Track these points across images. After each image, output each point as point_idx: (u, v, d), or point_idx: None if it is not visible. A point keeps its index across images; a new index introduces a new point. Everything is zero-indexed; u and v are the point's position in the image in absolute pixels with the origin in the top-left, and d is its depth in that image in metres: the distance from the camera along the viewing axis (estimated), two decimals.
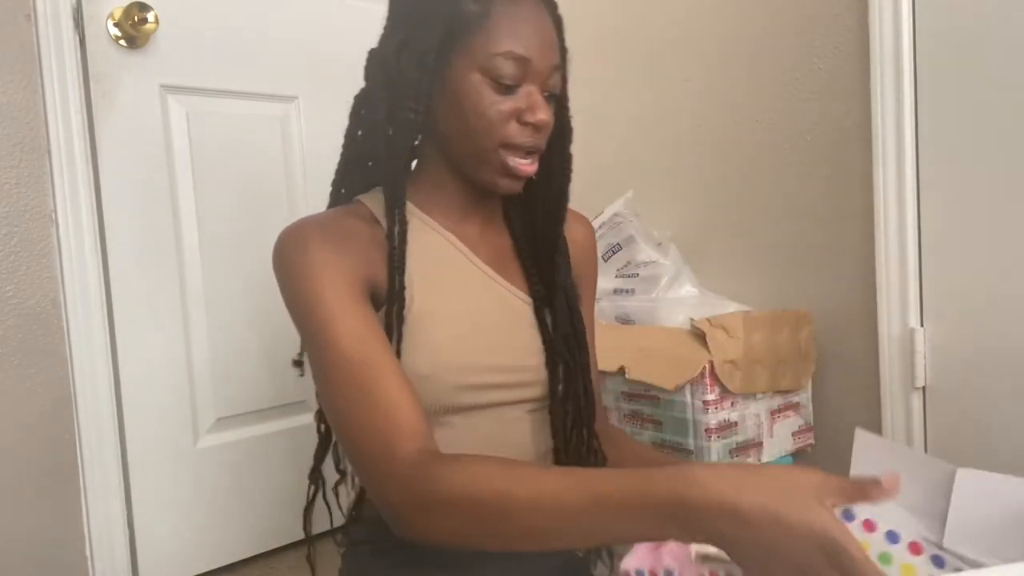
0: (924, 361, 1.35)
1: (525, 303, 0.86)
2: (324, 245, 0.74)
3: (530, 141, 0.78)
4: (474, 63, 0.75)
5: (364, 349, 0.70)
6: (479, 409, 0.81)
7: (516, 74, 0.76)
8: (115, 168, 1.41)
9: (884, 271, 1.37)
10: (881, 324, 1.39)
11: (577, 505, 0.56)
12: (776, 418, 1.43)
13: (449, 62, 0.76)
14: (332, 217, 0.80)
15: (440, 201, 0.84)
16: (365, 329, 0.72)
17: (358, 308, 0.73)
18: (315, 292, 0.73)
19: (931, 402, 1.36)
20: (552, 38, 0.79)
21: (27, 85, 1.32)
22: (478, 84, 0.76)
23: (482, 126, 0.76)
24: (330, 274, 0.73)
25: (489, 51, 0.75)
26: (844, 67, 1.43)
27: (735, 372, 1.34)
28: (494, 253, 0.87)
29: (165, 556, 1.49)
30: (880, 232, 1.37)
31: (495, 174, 0.79)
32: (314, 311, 0.72)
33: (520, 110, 0.77)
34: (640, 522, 0.54)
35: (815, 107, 1.49)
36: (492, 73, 0.75)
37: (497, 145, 0.77)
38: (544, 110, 0.77)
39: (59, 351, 1.36)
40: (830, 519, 0.48)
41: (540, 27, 0.77)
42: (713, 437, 1.33)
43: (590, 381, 0.90)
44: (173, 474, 1.50)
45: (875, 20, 1.35)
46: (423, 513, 0.63)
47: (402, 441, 0.66)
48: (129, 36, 1.41)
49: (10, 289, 1.31)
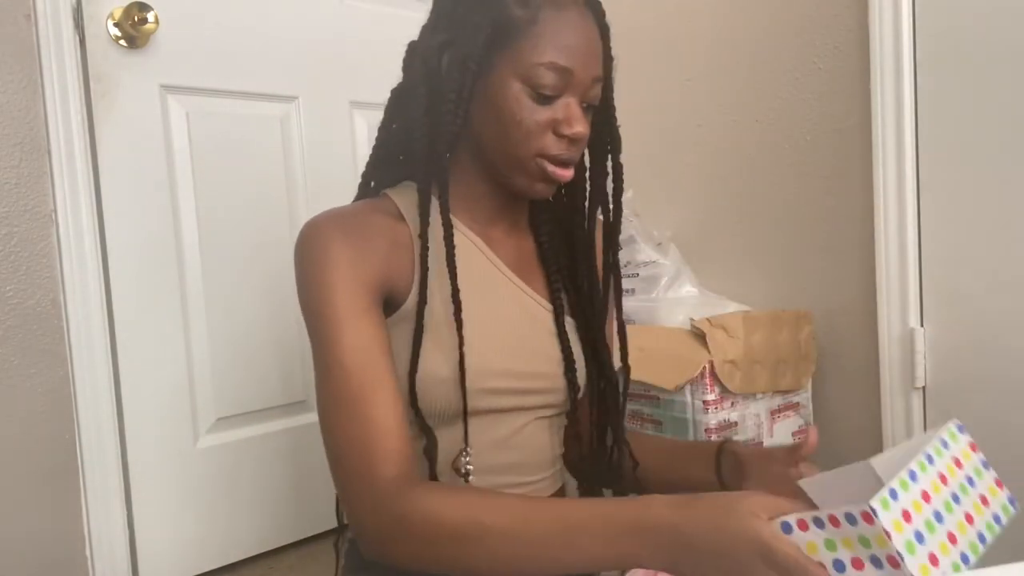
0: (924, 361, 1.35)
1: (546, 310, 0.86)
2: (344, 244, 0.73)
3: (564, 153, 0.77)
4: (516, 71, 0.74)
5: (364, 364, 0.70)
6: (496, 413, 0.80)
7: (557, 85, 0.75)
8: (115, 168, 1.41)
9: (884, 271, 1.38)
10: (881, 324, 1.39)
11: (545, 532, 0.60)
12: (776, 418, 1.43)
13: (492, 66, 0.75)
14: (357, 212, 0.78)
15: (468, 203, 0.83)
16: (369, 342, 0.71)
17: (367, 318, 0.72)
18: (326, 296, 0.72)
19: (931, 402, 1.36)
20: (596, 48, 0.78)
21: (27, 85, 1.32)
22: (518, 92, 0.75)
23: (519, 135, 0.76)
24: (344, 278, 0.72)
25: (532, 60, 0.74)
26: (844, 67, 1.43)
27: (735, 372, 1.34)
28: (518, 258, 0.86)
29: (165, 556, 1.49)
30: (880, 232, 1.37)
31: (531, 179, 0.78)
32: (322, 315, 0.72)
33: (557, 121, 0.76)
34: (603, 546, 0.59)
35: (815, 107, 1.49)
36: (533, 82, 0.74)
37: (533, 155, 0.76)
38: (580, 123, 0.76)
39: (59, 351, 1.36)
40: (763, 525, 0.54)
41: (585, 37, 0.76)
42: (713, 437, 1.33)
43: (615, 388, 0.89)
44: (173, 474, 1.50)
45: (875, 20, 1.35)
46: (392, 537, 0.65)
47: (383, 464, 0.67)
48: (129, 36, 1.41)
49: (10, 289, 1.31)
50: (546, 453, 0.86)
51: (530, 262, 0.88)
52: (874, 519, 0.52)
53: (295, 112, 1.65)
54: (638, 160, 1.82)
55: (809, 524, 0.55)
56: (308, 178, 1.66)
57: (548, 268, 0.88)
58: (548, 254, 0.88)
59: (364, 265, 0.73)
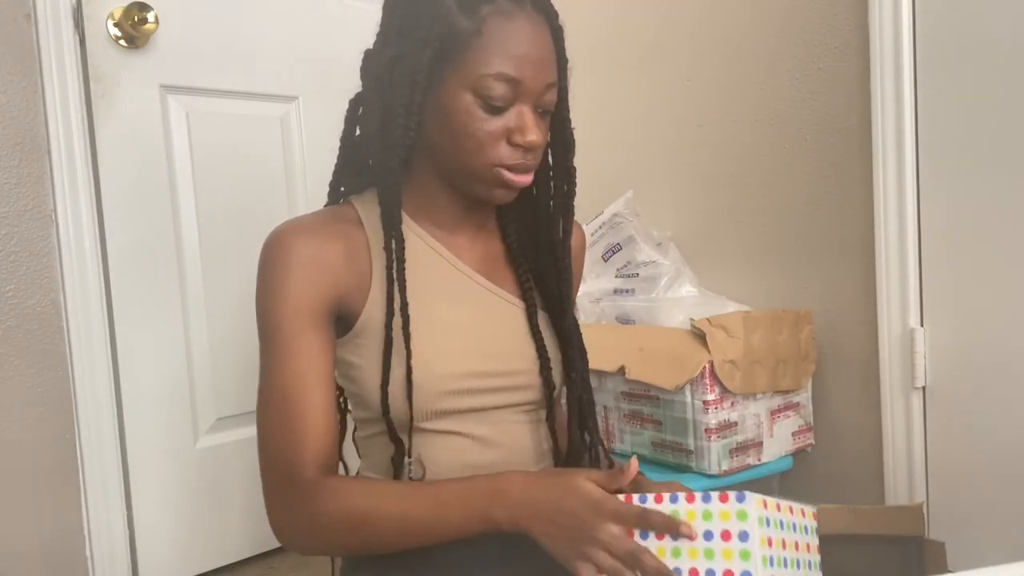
0: (924, 361, 1.35)
1: (518, 308, 0.86)
2: (301, 258, 0.76)
3: (520, 162, 0.77)
4: (464, 83, 0.74)
5: (300, 380, 0.75)
6: (472, 412, 0.82)
7: (506, 95, 0.74)
8: (115, 168, 1.41)
9: (884, 271, 1.38)
10: (881, 324, 1.39)
11: (422, 511, 0.70)
12: (776, 418, 1.43)
13: (441, 79, 0.75)
14: (318, 222, 0.79)
15: (431, 211, 0.84)
16: (310, 359, 0.75)
17: (312, 338, 0.76)
18: (276, 308, 0.75)
19: (931, 402, 1.36)
20: (547, 54, 0.77)
21: (27, 85, 1.32)
22: (468, 104, 0.74)
23: (472, 146, 0.76)
24: (296, 294, 0.75)
25: (480, 72, 0.73)
26: (844, 67, 1.43)
27: (735, 372, 1.34)
28: (486, 260, 0.87)
29: (165, 556, 1.49)
30: (880, 232, 1.37)
31: (489, 187, 0.79)
32: (270, 330, 0.76)
33: (511, 130, 0.76)
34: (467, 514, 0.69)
35: (815, 107, 1.49)
36: (482, 94, 0.74)
37: (489, 165, 0.77)
38: (535, 131, 0.76)
39: (59, 351, 1.36)
40: (590, 484, 0.66)
41: (535, 44, 0.75)
42: (713, 437, 1.33)
43: (589, 384, 0.91)
44: (173, 474, 1.50)
45: (875, 20, 1.35)
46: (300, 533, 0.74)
47: (302, 471, 0.74)
48: (129, 36, 1.41)
49: (10, 289, 1.31)
50: (530, 451, 0.86)
51: (499, 263, 0.88)
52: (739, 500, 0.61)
53: (295, 112, 1.65)
54: (638, 160, 1.82)
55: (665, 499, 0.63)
56: (308, 178, 1.66)
57: (518, 268, 0.88)
58: (516, 254, 0.89)
59: (320, 279, 0.76)
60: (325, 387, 0.77)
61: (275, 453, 0.75)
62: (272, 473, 0.76)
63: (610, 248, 1.67)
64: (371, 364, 0.78)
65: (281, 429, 0.75)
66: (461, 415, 0.81)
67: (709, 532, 0.62)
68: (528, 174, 0.79)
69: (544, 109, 0.78)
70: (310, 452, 0.74)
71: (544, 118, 0.79)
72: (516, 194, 0.81)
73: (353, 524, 0.71)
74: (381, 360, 0.77)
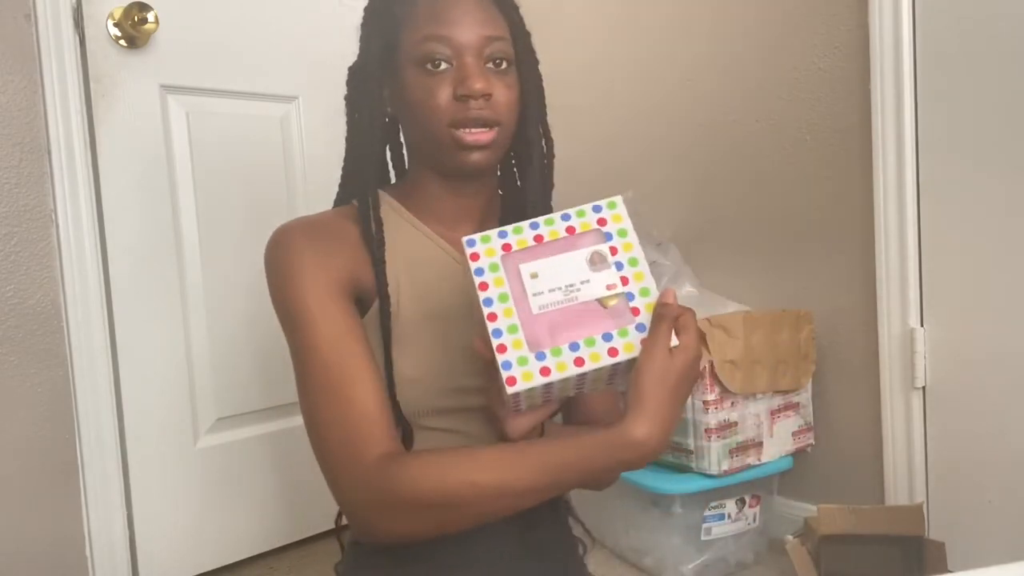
0: (924, 361, 1.35)
1: None
2: (309, 246, 0.76)
3: (474, 114, 0.76)
4: (407, 58, 0.77)
5: (341, 354, 0.73)
6: (468, 411, 0.81)
7: (441, 52, 0.76)
8: (115, 168, 1.41)
9: (884, 271, 1.38)
10: (881, 324, 1.39)
11: (532, 479, 0.66)
12: (776, 418, 1.43)
13: (394, 69, 0.79)
14: (321, 218, 0.82)
15: (431, 207, 0.84)
16: (345, 333, 0.74)
17: (339, 311, 0.75)
18: (298, 295, 0.75)
19: (931, 402, 1.36)
20: (478, 10, 0.77)
21: (27, 85, 1.32)
22: (414, 75, 0.77)
23: (426, 112, 0.77)
24: (313, 276, 0.75)
25: (413, 40, 0.77)
26: (844, 67, 1.43)
27: (735, 372, 1.34)
28: None
29: (165, 556, 1.49)
30: (880, 232, 1.37)
31: (453, 153, 0.78)
32: (296, 313, 0.75)
33: (455, 87, 0.76)
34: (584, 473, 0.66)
35: (815, 107, 1.49)
36: (420, 60, 0.76)
37: (446, 127, 0.77)
38: (477, 79, 0.75)
39: (59, 351, 1.36)
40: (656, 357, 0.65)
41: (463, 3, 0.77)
42: (713, 437, 1.33)
43: None
44: (173, 474, 1.50)
45: (875, 20, 1.35)
46: (388, 513, 0.68)
47: (368, 447, 0.70)
48: (129, 36, 1.41)
49: (10, 289, 1.31)
50: None
51: None
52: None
53: (295, 112, 1.65)
54: (638, 160, 1.82)
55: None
56: (308, 178, 1.66)
57: None
58: None
59: (331, 264, 0.76)
60: (366, 353, 0.74)
61: (330, 433, 0.72)
62: (331, 456, 0.72)
63: None
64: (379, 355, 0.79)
65: (332, 404, 0.72)
66: (457, 413, 0.81)
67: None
68: (485, 131, 0.77)
69: (495, 62, 0.78)
70: (368, 426, 0.71)
71: (504, 75, 0.78)
72: (487, 157, 0.79)
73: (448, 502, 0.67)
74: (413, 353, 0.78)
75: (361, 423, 0.70)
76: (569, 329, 0.65)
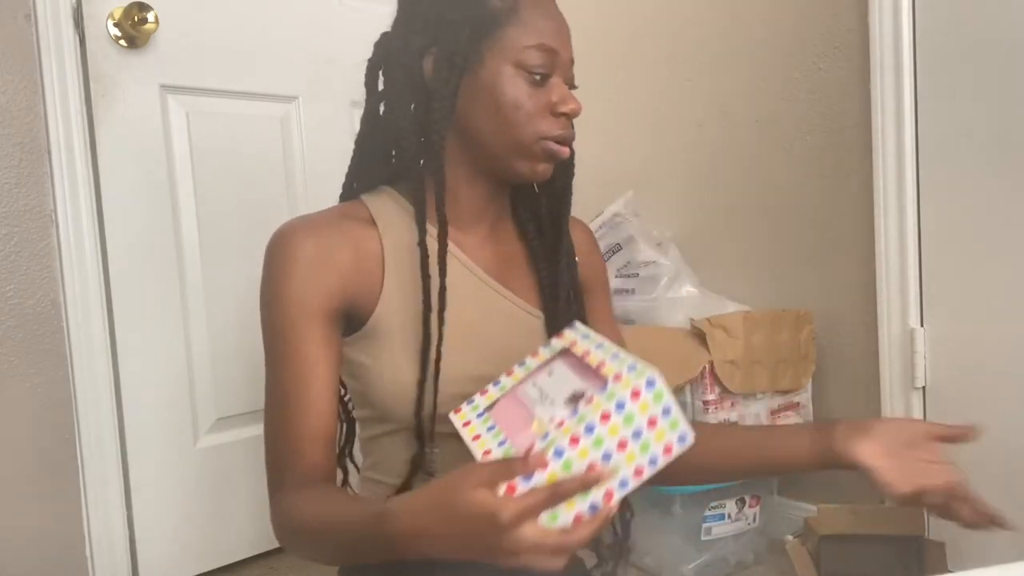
0: (924, 361, 1.35)
1: (526, 312, 0.85)
2: (304, 256, 0.75)
3: (563, 132, 0.79)
4: (507, 57, 0.76)
5: (297, 379, 0.75)
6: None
7: (547, 64, 0.77)
8: (115, 168, 1.41)
9: (884, 271, 1.38)
10: (881, 324, 1.39)
11: (339, 537, 0.68)
12: (776, 418, 1.43)
13: (480, 59, 0.77)
14: (325, 220, 0.79)
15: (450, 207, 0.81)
16: (311, 362, 0.75)
17: (316, 335, 0.75)
18: (278, 308, 0.75)
19: (931, 402, 1.36)
20: (568, 32, 0.81)
21: (27, 85, 1.32)
22: (513, 77, 0.77)
23: (519, 118, 0.77)
24: (298, 292, 0.75)
25: (522, 44, 0.76)
26: (844, 67, 1.43)
27: (735, 372, 1.34)
28: (500, 262, 0.86)
29: (165, 556, 1.49)
30: (880, 232, 1.37)
31: (533, 162, 0.79)
32: (272, 326, 0.76)
33: (552, 102, 0.78)
34: (376, 551, 0.64)
35: (815, 107, 1.49)
36: (526, 65, 0.76)
37: (536, 137, 0.78)
38: (574, 100, 0.79)
39: (59, 351, 1.36)
40: (480, 495, 0.54)
41: (560, 20, 0.80)
42: None
43: None
44: (173, 474, 1.50)
45: (875, 20, 1.35)
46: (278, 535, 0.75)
47: (293, 472, 0.74)
48: (129, 36, 1.41)
49: (10, 289, 1.31)
50: None
51: (514, 264, 0.87)
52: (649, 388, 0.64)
53: (295, 112, 1.65)
54: (638, 160, 1.82)
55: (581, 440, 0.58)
56: (308, 178, 1.66)
57: (539, 273, 0.87)
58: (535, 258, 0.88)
59: (322, 280, 0.76)
60: (325, 390, 0.76)
61: (271, 453, 0.77)
62: (269, 471, 0.77)
63: (610, 248, 1.67)
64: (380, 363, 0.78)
65: (278, 429, 0.76)
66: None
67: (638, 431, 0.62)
68: (568, 146, 0.80)
69: (569, 85, 0.81)
70: (301, 456, 0.75)
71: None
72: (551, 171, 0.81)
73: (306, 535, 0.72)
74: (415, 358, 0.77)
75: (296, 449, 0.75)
76: None
